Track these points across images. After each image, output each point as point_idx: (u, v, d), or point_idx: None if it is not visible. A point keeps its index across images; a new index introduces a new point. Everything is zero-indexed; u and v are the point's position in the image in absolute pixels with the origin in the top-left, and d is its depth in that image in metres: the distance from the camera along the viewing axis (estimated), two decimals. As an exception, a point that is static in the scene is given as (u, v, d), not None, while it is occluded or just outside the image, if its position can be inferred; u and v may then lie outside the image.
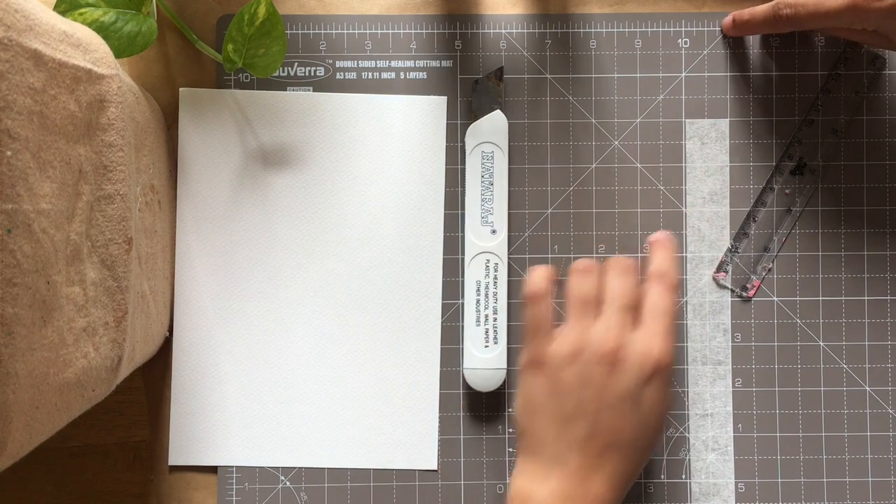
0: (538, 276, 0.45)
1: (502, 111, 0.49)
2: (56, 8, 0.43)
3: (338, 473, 0.49)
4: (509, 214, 0.50)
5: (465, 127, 0.50)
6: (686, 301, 0.50)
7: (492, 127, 0.48)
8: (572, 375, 0.42)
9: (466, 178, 0.49)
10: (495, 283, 0.48)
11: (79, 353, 0.35)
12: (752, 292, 0.50)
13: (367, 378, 0.49)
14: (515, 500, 0.42)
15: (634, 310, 0.44)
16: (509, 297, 0.49)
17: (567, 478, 0.42)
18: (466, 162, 0.49)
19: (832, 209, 0.50)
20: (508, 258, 0.50)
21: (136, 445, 0.49)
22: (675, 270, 0.45)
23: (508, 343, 0.49)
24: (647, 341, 0.42)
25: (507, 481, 0.50)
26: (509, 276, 0.50)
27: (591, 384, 0.42)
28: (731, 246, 0.50)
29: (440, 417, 0.50)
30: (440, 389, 0.50)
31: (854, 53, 0.50)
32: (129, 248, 0.38)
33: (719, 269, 0.50)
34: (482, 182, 0.48)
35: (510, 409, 0.50)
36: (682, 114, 0.50)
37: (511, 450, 0.50)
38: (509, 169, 0.50)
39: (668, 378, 0.42)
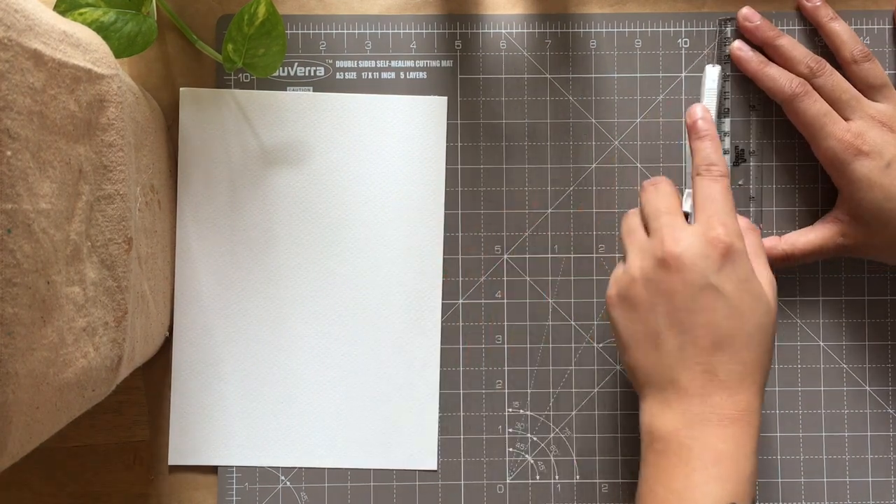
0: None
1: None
2: (56, 8, 0.43)
3: (338, 473, 0.49)
4: (508, 214, 0.50)
5: (465, 127, 0.50)
6: (686, 301, 0.50)
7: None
8: (640, 293, 0.41)
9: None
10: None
11: (79, 353, 0.35)
12: None
13: (367, 378, 0.49)
14: (646, 441, 0.41)
15: (680, 213, 0.43)
16: (513, 297, 0.49)
17: (684, 398, 0.40)
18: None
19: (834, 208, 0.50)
20: (508, 258, 0.50)
21: (136, 445, 0.49)
22: (719, 156, 0.43)
23: None
24: (702, 230, 0.41)
25: (508, 481, 0.50)
26: (509, 276, 0.50)
27: (660, 293, 0.40)
28: None
29: (440, 417, 0.50)
30: (440, 389, 0.50)
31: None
32: (128, 248, 0.38)
33: None
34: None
35: (509, 410, 0.50)
36: (683, 114, 0.50)
37: (511, 449, 0.50)
38: (507, 169, 0.50)
39: (741, 257, 0.40)
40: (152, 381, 0.50)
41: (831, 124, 0.46)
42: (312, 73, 0.50)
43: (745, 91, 0.50)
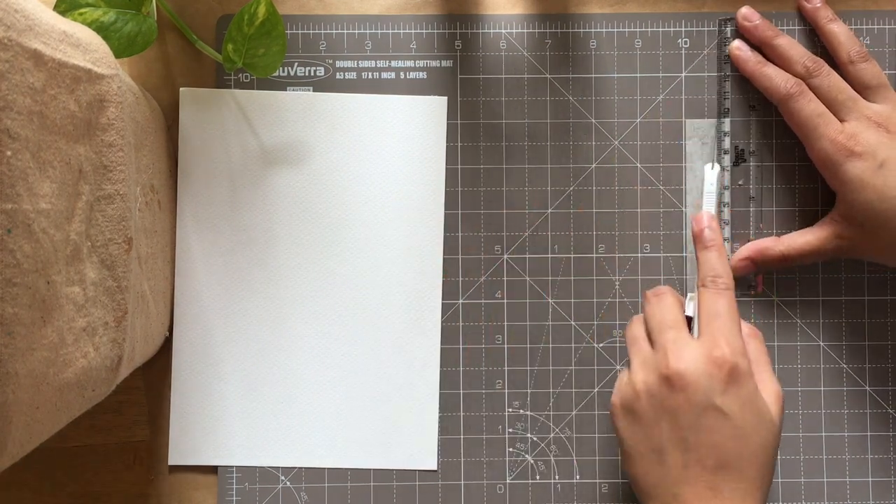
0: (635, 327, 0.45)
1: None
2: (56, 8, 0.43)
3: (338, 473, 0.49)
4: (508, 214, 0.50)
5: (465, 127, 0.50)
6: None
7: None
8: (644, 407, 0.41)
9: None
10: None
11: (79, 353, 0.35)
12: (759, 287, 0.50)
13: (367, 378, 0.49)
14: None
15: (685, 327, 0.43)
16: (510, 297, 0.49)
17: None
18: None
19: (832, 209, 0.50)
20: (508, 258, 0.50)
21: (136, 445, 0.49)
22: (725, 268, 0.44)
23: None
24: (706, 348, 0.41)
25: (508, 481, 0.50)
26: (509, 276, 0.50)
27: (664, 410, 0.40)
28: None
29: (440, 417, 0.50)
30: (440, 389, 0.50)
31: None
32: (128, 248, 0.38)
33: None
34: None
35: (509, 410, 0.50)
36: (682, 114, 0.50)
37: (511, 449, 0.50)
38: (507, 169, 0.50)
39: (746, 377, 0.40)
40: (152, 381, 0.50)
41: (824, 125, 0.46)
42: (312, 73, 0.50)
43: (745, 91, 0.50)
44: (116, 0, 0.44)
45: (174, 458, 0.49)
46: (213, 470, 0.49)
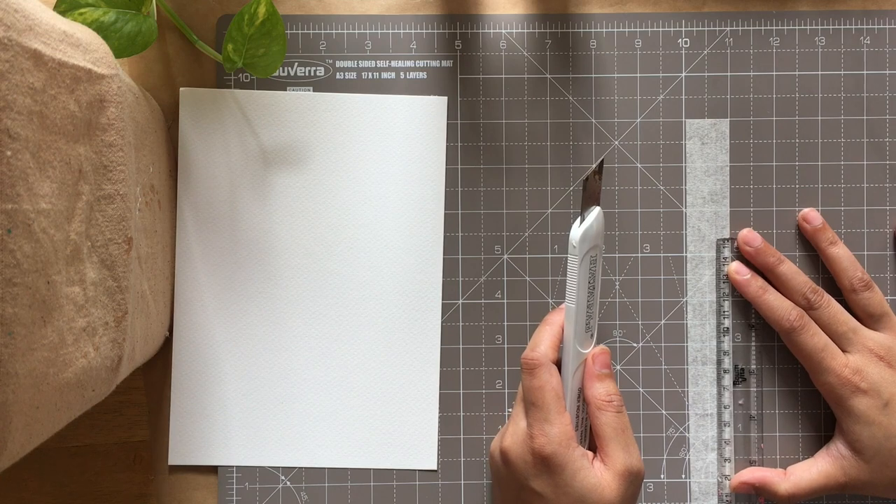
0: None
1: (600, 206, 0.44)
2: (56, 8, 0.43)
3: (338, 473, 0.49)
4: (508, 214, 0.50)
5: (465, 127, 0.50)
6: (686, 301, 0.50)
7: (598, 228, 0.43)
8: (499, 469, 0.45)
9: (572, 285, 0.43)
10: None
11: (79, 353, 0.35)
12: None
13: (367, 378, 0.49)
14: None
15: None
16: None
17: None
18: (574, 268, 0.43)
19: (832, 209, 0.50)
20: (508, 258, 0.50)
21: (136, 445, 0.49)
22: (544, 347, 0.44)
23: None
24: (530, 434, 0.42)
25: (507, 481, 0.49)
26: (509, 276, 0.50)
27: (498, 478, 0.45)
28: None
29: (440, 417, 0.50)
30: (440, 389, 0.50)
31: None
32: (128, 248, 0.38)
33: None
34: (589, 289, 0.43)
35: (509, 410, 0.50)
36: (682, 114, 0.50)
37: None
38: (507, 169, 0.50)
39: (560, 467, 0.41)
40: (152, 381, 0.50)
41: (829, 359, 0.46)
42: (312, 73, 0.50)
43: (746, 315, 0.50)
44: (116, 0, 0.44)
45: (174, 458, 0.49)
46: (213, 470, 0.49)
